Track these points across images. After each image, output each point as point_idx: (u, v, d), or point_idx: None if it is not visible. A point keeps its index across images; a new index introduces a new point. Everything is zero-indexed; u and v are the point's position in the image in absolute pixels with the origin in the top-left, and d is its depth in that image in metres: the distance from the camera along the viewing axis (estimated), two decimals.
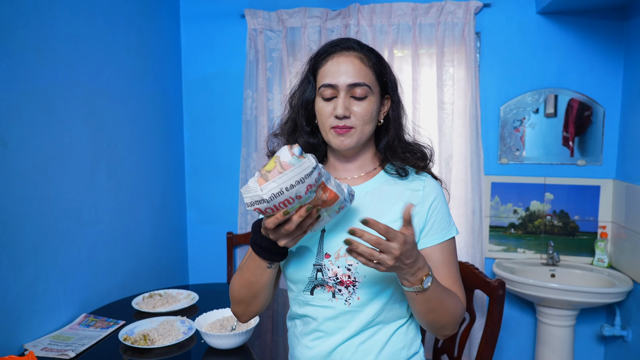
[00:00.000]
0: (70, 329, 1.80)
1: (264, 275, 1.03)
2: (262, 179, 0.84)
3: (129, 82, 2.26)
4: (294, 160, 0.84)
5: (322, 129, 1.08)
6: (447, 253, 1.08)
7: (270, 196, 0.83)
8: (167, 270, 2.65)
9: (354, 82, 1.02)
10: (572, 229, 2.53)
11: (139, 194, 2.36)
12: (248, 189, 0.86)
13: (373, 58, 1.06)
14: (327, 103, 1.05)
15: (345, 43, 1.06)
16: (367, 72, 1.04)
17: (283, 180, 0.83)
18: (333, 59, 1.05)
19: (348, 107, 1.03)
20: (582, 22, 2.42)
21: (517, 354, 2.65)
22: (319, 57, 1.08)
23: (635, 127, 2.27)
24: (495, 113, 2.55)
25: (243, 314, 1.13)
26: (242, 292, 1.08)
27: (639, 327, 2.21)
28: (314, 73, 1.09)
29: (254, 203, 0.85)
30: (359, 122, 1.04)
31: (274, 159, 0.86)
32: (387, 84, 1.09)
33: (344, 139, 1.04)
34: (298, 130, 1.12)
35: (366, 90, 1.03)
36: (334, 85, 1.03)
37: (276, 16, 2.62)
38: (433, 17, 2.49)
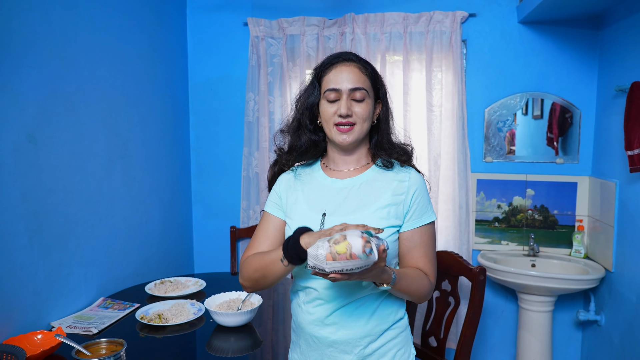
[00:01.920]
0: (90, 310, 1.98)
1: (282, 270, 1.21)
2: (330, 255, 1.00)
3: (141, 86, 2.44)
4: (362, 257, 1.00)
5: (326, 127, 1.28)
6: (425, 235, 1.28)
7: (331, 270, 1.02)
8: (174, 260, 2.84)
9: (354, 86, 1.23)
10: (552, 222, 2.72)
11: (150, 189, 2.55)
12: (316, 257, 1.02)
13: (369, 68, 1.28)
14: (331, 105, 1.25)
15: (346, 55, 1.28)
16: (365, 79, 1.25)
17: (347, 265, 1.01)
18: (336, 68, 1.26)
19: (350, 107, 1.23)
20: (560, 31, 2.62)
21: (500, 339, 2.85)
22: (323, 66, 1.29)
23: (609, 128, 2.46)
24: (480, 115, 2.74)
25: (249, 287, 1.33)
26: (255, 274, 1.27)
27: (611, 311, 2.40)
28: (319, 80, 1.29)
29: (314, 267, 1.03)
30: (359, 120, 1.25)
31: (346, 244, 0.99)
32: (380, 90, 1.30)
33: (346, 137, 1.25)
34: (302, 128, 1.32)
35: (364, 94, 1.24)
36: (337, 89, 1.24)
37: (277, 24, 2.81)
38: (422, 26, 2.68)
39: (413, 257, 1.27)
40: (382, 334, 1.26)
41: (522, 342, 2.59)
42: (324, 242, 1.02)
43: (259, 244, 1.34)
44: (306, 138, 1.32)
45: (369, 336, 1.24)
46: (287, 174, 1.40)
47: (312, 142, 1.33)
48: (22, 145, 1.66)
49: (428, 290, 1.27)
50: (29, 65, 1.68)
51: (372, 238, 1.02)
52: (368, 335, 1.24)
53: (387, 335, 1.27)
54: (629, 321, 2.20)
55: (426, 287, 1.26)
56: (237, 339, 1.77)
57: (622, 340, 2.27)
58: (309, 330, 1.28)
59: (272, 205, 1.38)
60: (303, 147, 1.34)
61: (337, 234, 1.03)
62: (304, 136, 1.32)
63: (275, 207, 1.37)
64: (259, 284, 1.29)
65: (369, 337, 1.24)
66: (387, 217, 1.24)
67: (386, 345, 1.27)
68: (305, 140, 1.33)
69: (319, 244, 1.02)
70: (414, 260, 1.28)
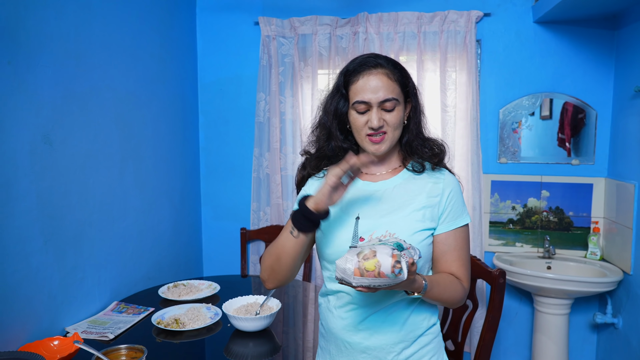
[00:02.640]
0: (104, 314, 1.94)
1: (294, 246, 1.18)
2: (358, 271, 0.98)
3: (152, 86, 2.40)
4: (391, 276, 0.98)
5: (357, 137, 1.24)
6: (459, 239, 1.24)
7: (358, 285, 1.00)
8: (184, 263, 2.80)
9: (384, 98, 1.18)
10: (567, 224, 2.70)
11: (161, 191, 2.51)
12: (344, 270, 1.00)
13: (397, 72, 1.22)
14: (361, 115, 1.21)
15: (373, 61, 1.22)
16: (394, 87, 1.20)
17: (375, 282, 0.99)
18: (363, 77, 1.20)
19: (381, 117, 1.19)
20: (576, 30, 2.59)
21: (515, 342, 2.82)
22: (349, 74, 1.23)
23: (625, 129, 2.44)
24: (494, 115, 2.71)
25: (268, 279, 1.27)
26: (270, 259, 1.24)
27: (629, 315, 2.37)
28: (345, 87, 1.24)
29: (342, 279, 1.02)
30: (391, 129, 1.21)
31: (376, 262, 0.97)
32: (410, 91, 1.25)
33: (379, 146, 1.21)
34: (333, 137, 1.28)
35: (394, 103, 1.20)
36: (366, 102, 1.19)
37: (289, 23, 2.78)
38: (437, 26, 2.65)
39: (447, 261, 1.24)
40: (415, 340, 1.23)
41: (538, 345, 2.56)
42: (353, 256, 0.99)
43: None
44: (336, 146, 1.29)
45: (403, 342, 1.21)
46: (317, 177, 1.36)
47: (342, 150, 1.30)
48: (37, 147, 1.62)
49: (462, 297, 1.24)
50: (44, 65, 1.65)
51: (402, 254, 0.99)
52: (402, 341, 1.21)
53: (420, 341, 1.24)
54: None
55: (459, 294, 1.23)
56: (256, 344, 1.73)
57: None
58: (341, 336, 1.24)
59: None
60: (335, 156, 1.30)
61: (367, 248, 1.00)
62: (333, 144, 1.29)
63: None
64: (275, 271, 1.24)
65: (403, 343, 1.21)
66: (422, 220, 1.20)
67: (420, 351, 1.24)
68: (335, 149, 1.29)
69: (348, 257, 1.00)
70: (448, 264, 1.24)
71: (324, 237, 1.26)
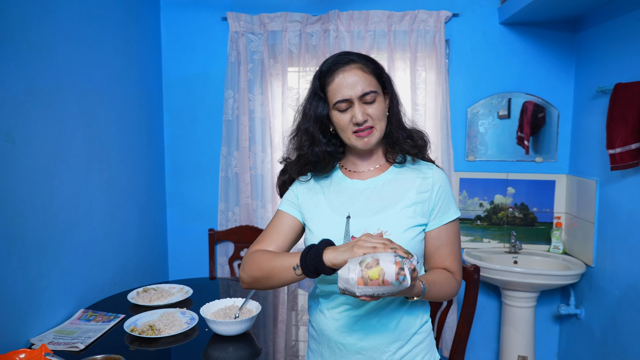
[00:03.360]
0: (71, 323, 1.83)
1: (291, 278, 1.14)
2: (362, 280, 0.96)
3: (117, 82, 2.29)
4: (395, 283, 0.96)
5: (344, 135, 1.22)
6: (451, 233, 1.25)
7: (362, 294, 0.98)
8: (150, 267, 2.69)
9: (363, 92, 1.17)
10: (531, 219, 2.79)
11: (127, 192, 2.40)
12: (347, 280, 0.98)
13: (371, 65, 1.21)
14: (344, 114, 1.20)
15: (345, 58, 1.20)
16: (371, 79, 1.19)
17: (379, 290, 0.97)
18: (339, 75, 1.18)
19: (364, 112, 1.18)
20: (540, 32, 2.68)
21: (483, 336, 2.89)
22: (324, 75, 1.21)
23: (586, 127, 2.55)
24: (462, 114, 2.77)
25: (247, 283, 1.23)
26: (259, 273, 1.19)
27: (591, 305, 2.48)
28: (323, 90, 1.22)
29: (345, 290, 1.00)
30: (376, 121, 1.20)
31: (379, 270, 0.96)
32: (385, 82, 1.24)
33: (367, 140, 1.20)
34: (316, 142, 1.25)
35: (374, 95, 1.18)
36: (347, 99, 1.17)
37: (258, 20, 2.72)
38: (407, 25, 2.67)
39: (440, 256, 1.24)
40: (410, 338, 1.23)
41: (506, 337, 2.64)
42: (356, 266, 0.97)
43: (269, 239, 1.28)
44: (321, 151, 1.26)
45: (397, 341, 1.21)
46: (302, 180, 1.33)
47: (327, 154, 1.27)
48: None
49: (456, 291, 1.24)
50: (5, 57, 1.53)
51: (404, 260, 0.98)
52: (397, 340, 1.20)
53: (414, 340, 1.24)
54: (612, 314, 2.28)
55: (454, 289, 1.23)
56: (236, 349, 1.68)
57: (603, 332, 2.36)
58: (335, 337, 1.22)
59: (287, 204, 1.32)
60: (320, 161, 1.27)
61: (369, 257, 0.98)
62: (317, 149, 1.26)
63: (291, 205, 1.31)
64: (260, 283, 1.21)
65: (397, 343, 1.21)
66: (413, 216, 1.20)
67: (414, 350, 1.23)
68: (320, 154, 1.26)
69: (350, 267, 0.98)
70: (441, 259, 1.24)
71: (314, 238, 1.23)
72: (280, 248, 1.27)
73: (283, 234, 1.28)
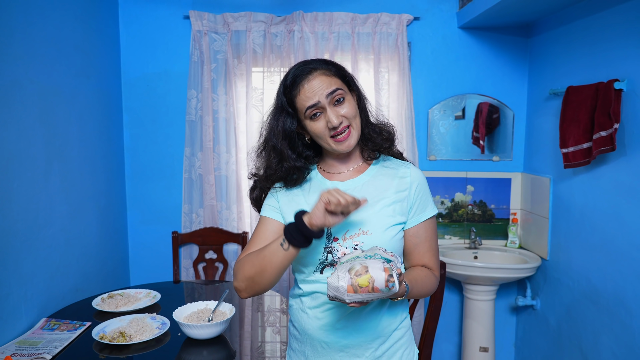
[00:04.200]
0: (34, 333, 1.74)
1: (282, 259, 1.13)
2: (351, 288, 0.98)
3: (76, 80, 2.20)
4: (385, 290, 0.98)
5: (322, 142, 1.22)
6: (429, 230, 1.28)
7: (352, 301, 1.00)
8: (112, 271, 2.60)
9: (329, 90, 1.18)
10: (489, 216, 2.91)
11: (87, 195, 2.31)
12: (337, 289, 0.99)
13: (332, 68, 1.22)
14: (317, 121, 1.19)
15: (306, 68, 1.20)
16: (335, 80, 1.20)
17: (368, 297, 0.99)
18: (304, 85, 1.19)
19: (337, 114, 1.18)
20: (496, 37, 2.80)
21: (445, 329, 2.98)
22: (289, 89, 1.21)
23: (540, 127, 2.69)
24: (424, 115, 2.85)
25: (245, 289, 1.21)
26: (252, 270, 1.17)
27: (546, 296, 2.62)
28: (291, 104, 1.22)
29: (334, 297, 1.01)
30: (351, 120, 1.20)
31: (369, 277, 0.98)
32: (350, 81, 1.26)
33: (348, 142, 1.20)
34: (285, 159, 1.25)
35: (342, 93, 1.19)
36: (316, 103, 1.17)
37: (221, 19, 2.69)
38: (370, 27, 2.72)
39: (419, 253, 1.28)
40: (391, 334, 1.26)
41: (468, 330, 2.74)
42: (345, 273, 0.99)
43: (256, 247, 1.26)
44: (290, 167, 1.26)
45: (380, 337, 1.23)
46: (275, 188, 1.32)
47: (296, 169, 1.27)
48: None
49: (435, 287, 1.28)
50: None
51: (391, 265, 1.00)
52: (380, 336, 1.23)
53: (395, 335, 1.27)
54: (566, 304, 2.42)
55: (434, 285, 1.28)
56: (210, 352, 1.66)
57: (558, 322, 2.49)
58: (317, 336, 1.23)
59: (269, 210, 1.30)
60: (289, 176, 1.27)
61: (358, 264, 1.00)
62: (286, 165, 1.25)
63: (273, 210, 1.30)
64: (256, 282, 1.18)
65: (380, 339, 1.23)
66: (393, 215, 1.23)
67: (395, 345, 1.26)
68: (289, 169, 1.26)
69: (339, 275, 0.99)
70: (420, 256, 1.28)
71: None
72: None
73: (270, 239, 1.26)
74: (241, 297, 1.23)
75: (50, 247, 1.96)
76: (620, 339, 2.02)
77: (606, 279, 2.12)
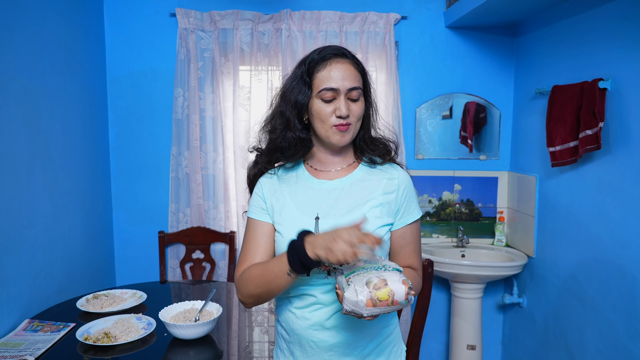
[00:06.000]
0: (16, 335, 1.71)
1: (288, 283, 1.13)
2: (370, 302, 0.97)
3: (60, 78, 2.17)
4: (404, 303, 0.98)
5: (321, 127, 1.21)
6: (415, 231, 1.29)
7: (369, 315, 0.99)
8: (97, 272, 2.57)
9: (352, 86, 1.18)
10: (477, 214, 2.93)
11: (71, 194, 2.28)
12: (356, 303, 0.97)
13: (360, 65, 1.23)
14: (327, 104, 1.19)
15: (338, 50, 1.21)
16: (359, 78, 1.21)
17: (387, 310, 0.99)
18: (330, 65, 1.18)
19: (348, 107, 1.18)
20: (482, 36, 2.82)
21: (433, 327, 3.00)
22: (314, 62, 1.20)
23: (526, 127, 2.71)
24: (411, 114, 2.86)
25: (250, 303, 1.24)
26: (258, 290, 1.18)
27: (533, 294, 2.64)
28: (310, 77, 1.21)
29: (350, 312, 0.99)
30: (355, 120, 1.20)
31: (388, 291, 0.97)
32: (367, 87, 1.26)
33: (344, 135, 1.20)
34: (291, 127, 1.24)
35: (359, 93, 1.20)
36: (335, 89, 1.17)
37: (208, 17, 2.67)
38: (358, 26, 2.72)
39: (405, 254, 1.28)
40: (379, 332, 1.25)
41: (455, 328, 2.75)
42: (363, 287, 0.98)
43: (252, 256, 1.25)
44: (294, 137, 1.24)
45: (368, 336, 1.23)
46: (268, 176, 1.32)
47: (300, 141, 1.25)
48: None
49: (421, 286, 1.29)
50: None
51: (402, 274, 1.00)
52: (368, 335, 1.23)
53: (383, 332, 1.27)
54: (552, 301, 2.44)
55: (420, 285, 1.29)
56: (197, 352, 1.65)
57: (545, 319, 2.51)
58: (306, 335, 1.22)
59: (257, 211, 1.29)
60: (291, 148, 1.25)
61: (375, 277, 0.99)
62: (290, 135, 1.24)
63: (261, 211, 1.29)
64: (262, 299, 1.21)
65: (368, 337, 1.23)
66: (380, 216, 1.22)
67: (383, 343, 1.26)
68: (292, 139, 1.24)
69: (357, 289, 0.98)
70: (406, 257, 1.28)
71: (283, 240, 1.22)
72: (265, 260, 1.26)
73: (262, 246, 1.26)
74: (246, 307, 1.24)
75: (34, 248, 1.93)
76: (605, 335, 2.04)
77: (591, 276, 2.14)
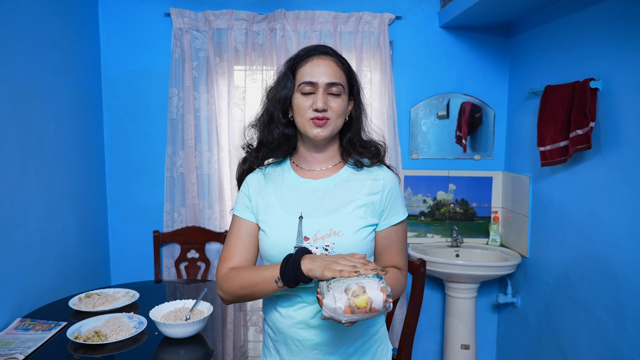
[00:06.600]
0: (7, 334, 1.72)
1: (274, 290, 1.16)
2: (348, 309, 0.97)
3: (53, 77, 2.18)
4: (382, 310, 0.98)
5: (300, 121, 1.22)
6: (400, 232, 1.30)
7: (347, 321, 0.99)
8: (91, 271, 2.57)
9: (331, 81, 1.19)
10: (471, 214, 2.93)
11: (65, 193, 2.28)
12: (334, 310, 0.97)
13: (345, 64, 1.24)
14: (306, 98, 1.20)
15: (323, 48, 1.23)
16: (341, 75, 1.22)
17: (365, 317, 0.99)
18: (312, 61, 1.21)
19: (326, 102, 1.19)
20: (476, 36, 2.82)
21: (427, 327, 3.00)
22: (298, 58, 1.23)
23: (520, 127, 2.71)
24: (406, 114, 2.86)
25: (229, 301, 1.26)
26: (242, 291, 1.20)
27: (527, 294, 2.65)
28: (293, 72, 1.23)
29: (329, 317, 1.00)
30: (334, 115, 1.20)
31: (367, 298, 0.97)
32: (354, 87, 1.27)
33: (320, 130, 1.20)
34: (274, 122, 1.26)
35: (340, 89, 1.21)
36: (314, 83, 1.19)
37: (203, 17, 2.68)
38: (352, 26, 2.73)
39: (390, 254, 1.28)
40: (364, 331, 1.26)
41: (450, 328, 2.75)
42: (342, 294, 0.98)
43: (234, 254, 1.26)
44: (278, 132, 1.26)
45: (353, 334, 1.23)
46: (255, 174, 1.33)
47: (284, 137, 1.27)
48: None
49: (405, 285, 1.30)
50: None
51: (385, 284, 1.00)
52: (353, 333, 1.23)
53: (369, 331, 1.27)
54: (546, 301, 2.44)
55: (405, 284, 1.30)
56: (187, 351, 1.65)
57: (538, 319, 2.52)
58: (291, 334, 1.23)
59: (242, 209, 1.30)
60: (275, 143, 1.27)
61: (354, 284, 0.99)
62: (275, 130, 1.26)
63: (246, 210, 1.29)
64: (242, 299, 1.23)
65: (353, 336, 1.23)
66: (364, 217, 1.23)
67: (368, 342, 1.27)
68: (277, 135, 1.26)
69: (336, 296, 0.98)
70: (391, 258, 1.29)
71: (267, 239, 1.23)
72: (249, 260, 1.27)
73: (246, 245, 1.27)
74: (224, 304, 1.26)
75: (26, 247, 1.94)
76: (597, 334, 2.04)
77: (583, 275, 2.14)
